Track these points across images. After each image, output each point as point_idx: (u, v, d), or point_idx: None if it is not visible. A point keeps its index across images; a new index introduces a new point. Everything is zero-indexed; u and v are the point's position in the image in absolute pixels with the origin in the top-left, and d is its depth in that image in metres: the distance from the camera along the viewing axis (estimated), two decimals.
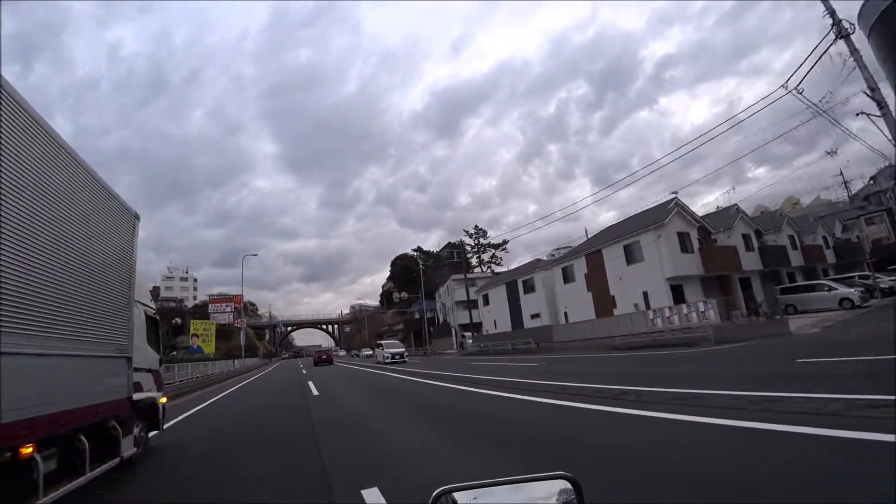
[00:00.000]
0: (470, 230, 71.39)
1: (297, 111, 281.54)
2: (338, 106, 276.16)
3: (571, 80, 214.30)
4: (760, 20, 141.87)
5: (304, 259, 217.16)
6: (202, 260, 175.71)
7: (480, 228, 71.27)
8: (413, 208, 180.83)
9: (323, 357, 36.37)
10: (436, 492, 0.82)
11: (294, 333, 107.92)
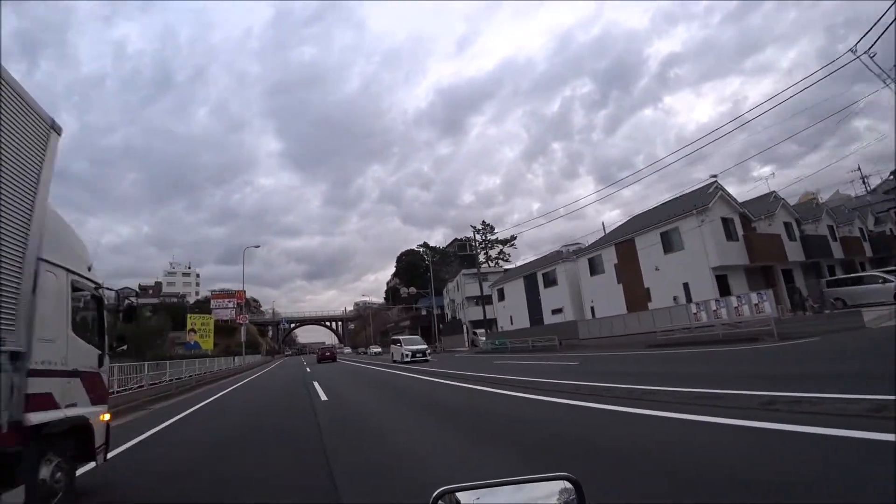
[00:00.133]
0: (477, 226, 69.24)
1: (301, 109, 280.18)
2: (342, 104, 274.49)
3: (576, 78, 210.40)
4: (765, 20, 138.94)
5: (307, 257, 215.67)
6: (206, 257, 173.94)
7: (488, 224, 69.03)
8: (417, 206, 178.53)
9: (326, 354, 36.70)
10: (437, 491, 0.80)
11: (297, 331, 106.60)
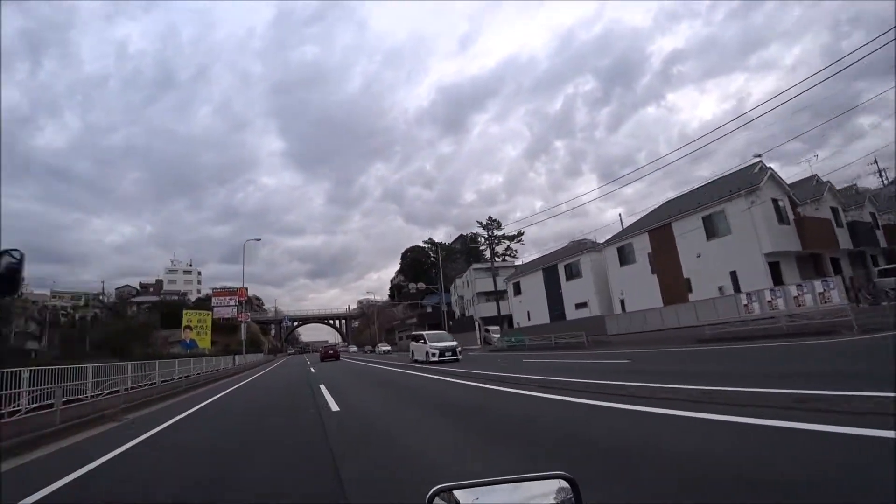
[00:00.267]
0: (483, 221, 67.19)
1: (303, 108, 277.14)
2: (344, 103, 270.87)
3: (578, 76, 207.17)
4: (768, 19, 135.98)
5: (309, 255, 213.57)
6: (209, 256, 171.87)
7: (494, 220, 66.90)
8: (419, 205, 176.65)
9: (329, 352, 36.63)
10: (433, 489, 0.78)
11: (300, 329, 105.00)
